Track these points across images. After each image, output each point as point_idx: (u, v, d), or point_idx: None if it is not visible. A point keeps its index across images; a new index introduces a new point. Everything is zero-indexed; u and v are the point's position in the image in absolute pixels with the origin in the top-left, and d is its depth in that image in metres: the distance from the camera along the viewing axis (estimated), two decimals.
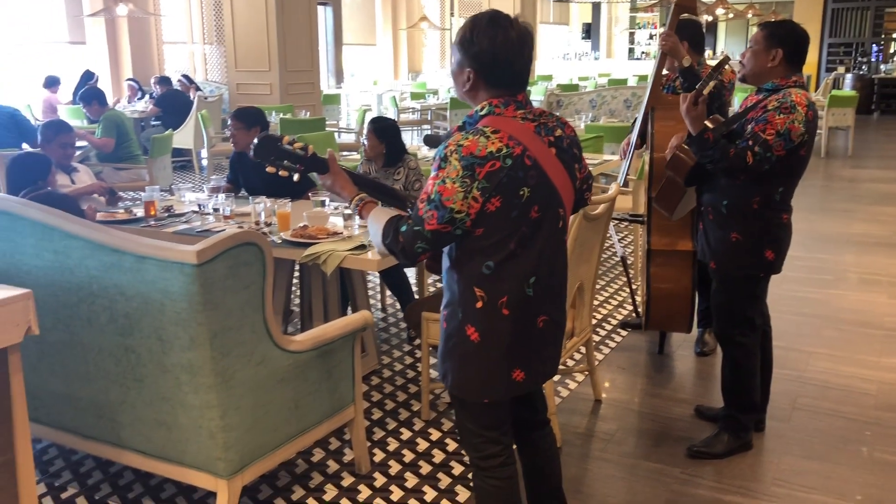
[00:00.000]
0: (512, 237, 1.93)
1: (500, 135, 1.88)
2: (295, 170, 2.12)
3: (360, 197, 2.13)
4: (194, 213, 3.94)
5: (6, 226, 2.46)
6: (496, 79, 1.93)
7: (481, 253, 1.94)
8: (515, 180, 1.89)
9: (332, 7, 15.60)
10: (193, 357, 2.28)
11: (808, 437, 3.29)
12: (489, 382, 2.03)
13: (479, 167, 1.86)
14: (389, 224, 1.99)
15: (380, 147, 4.28)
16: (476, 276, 1.96)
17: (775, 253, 2.97)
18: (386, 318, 4.76)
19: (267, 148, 2.10)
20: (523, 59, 1.93)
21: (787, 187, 2.94)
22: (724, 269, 3.05)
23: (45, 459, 3.09)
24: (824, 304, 4.95)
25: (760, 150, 2.76)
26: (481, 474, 2.16)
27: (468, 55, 1.92)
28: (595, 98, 9.46)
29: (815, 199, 8.48)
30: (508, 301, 1.96)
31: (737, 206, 2.95)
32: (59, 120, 5.08)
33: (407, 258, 1.97)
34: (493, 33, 1.89)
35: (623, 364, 4.07)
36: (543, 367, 2.10)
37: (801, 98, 2.81)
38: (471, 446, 2.16)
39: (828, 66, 19.55)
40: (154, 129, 9.62)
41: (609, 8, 25.02)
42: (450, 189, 1.86)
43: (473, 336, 1.99)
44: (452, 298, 2.02)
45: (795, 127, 2.77)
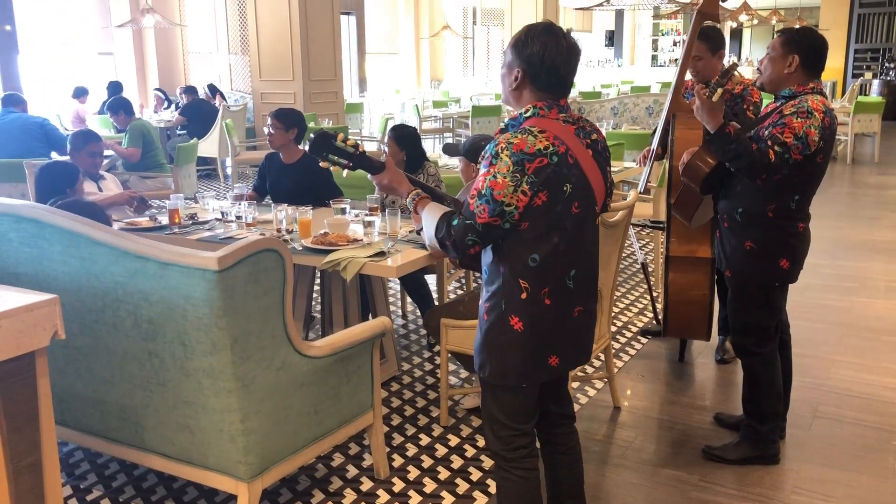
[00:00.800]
0: (556, 231, 2.04)
1: (546, 134, 2.01)
2: (345, 165, 2.28)
3: (416, 192, 2.26)
4: (217, 221, 4.00)
5: (34, 233, 2.52)
6: (542, 81, 2.06)
7: (527, 246, 2.04)
8: (560, 176, 2.01)
9: (355, 16, 15.72)
10: (215, 361, 2.33)
11: (830, 445, 3.27)
12: (527, 368, 2.13)
13: (528, 163, 1.97)
14: (443, 219, 2.09)
15: (400, 154, 4.33)
16: (521, 268, 2.06)
17: (790, 262, 2.94)
18: (406, 324, 4.79)
19: (321, 144, 2.27)
20: (569, 67, 2.07)
21: (803, 195, 2.91)
22: (739, 277, 3.03)
23: (72, 462, 3.15)
24: (848, 312, 4.90)
25: (780, 150, 2.74)
26: (507, 465, 2.23)
27: (520, 56, 2.05)
28: (617, 105, 9.46)
29: (840, 205, 8.40)
30: (550, 291, 2.08)
31: (752, 213, 2.93)
32: (88, 130, 5.19)
33: (458, 251, 2.07)
34: (547, 39, 2.03)
35: (643, 371, 4.06)
36: (576, 354, 2.21)
37: (818, 104, 2.79)
38: (499, 439, 2.23)
39: (854, 71, 19.34)
40: (179, 138, 9.76)
41: (632, 15, 24.97)
42: (501, 184, 1.97)
43: (518, 326, 2.09)
44: (496, 290, 2.11)
45: (812, 132, 2.75)
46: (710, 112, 2.83)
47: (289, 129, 4.40)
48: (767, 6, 18.98)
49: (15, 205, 2.61)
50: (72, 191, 3.80)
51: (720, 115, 2.84)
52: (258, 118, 11.21)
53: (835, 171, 10.74)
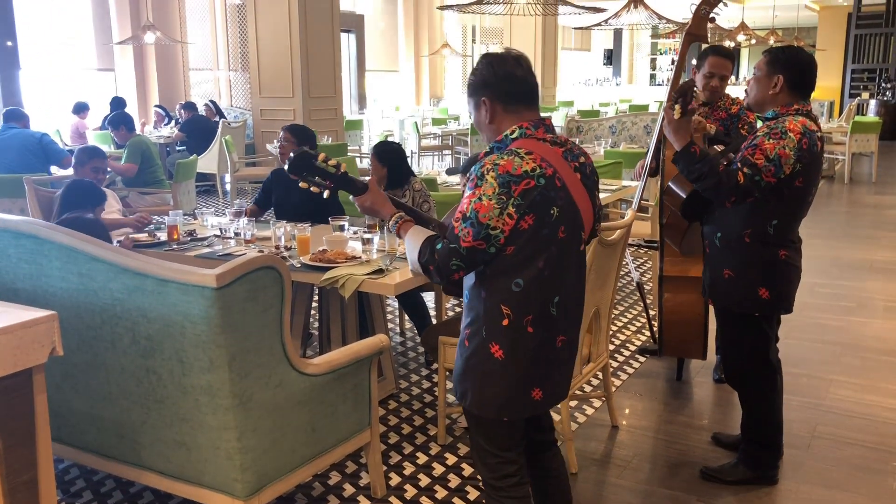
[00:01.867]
0: (541, 256, 1.99)
1: (533, 156, 1.97)
2: (325, 186, 2.19)
3: (399, 215, 2.20)
4: (216, 238, 4.00)
5: (33, 249, 2.52)
6: (506, 93, 2.04)
7: (511, 271, 1.99)
8: (547, 199, 1.96)
9: (355, 34, 15.81)
10: (213, 379, 2.32)
11: (829, 465, 3.26)
12: (509, 401, 2.07)
13: (514, 185, 1.93)
14: (426, 243, 2.05)
15: (382, 170, 4.32)
16: (504, 294, 2.01)
17: (770, 291, 2.83)
18: (404, 342, 4.78)
19: (301, 163, 2.18)
20: (524, 69, 2.05)
21: (782, 220, 2.80)
22: (719, 306, 2.97)
23: (67, 479, 3.14)
24: (846, 332, 4.91)
25: (749, 171, 2.66)
26: (496, 494, 2.19)
27: (476, 88, 2.07)
28: (615, 124, 9.50)
29: (837, 225, 8.42)
30: (534, 319, 2.02)
31: (729, 238, 2.85)
32: (94, 146, 5.20)
33: (441, 276, 2.03)
34: (488, 61, 2.06)
35: (640, 390, 4.06)
36: (559, 387, 2.16)
37: (795, 125, 2.70)
38: (486, 466, 2.19)
39: (851, 91, 19.44)
40: (179, 154, 9.78)
41: (631, 34, 25.14)
42: (486, 206, 1.93)
43: (497, 353, 2.03)
44: (476, 316, 2.06)
45: (785, 153, 2.66)
46: (675, 130, 2.78)
47: (300, 145, 4.42)
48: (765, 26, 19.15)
49: (14, 220, 2.61)
50: (98, 210, 3.81)
51: (687, 134, 2.78)
52: (258, 135, 11.24)
53: (832, 191, 10.78)
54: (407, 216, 2.22)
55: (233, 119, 11.37)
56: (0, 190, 5.92)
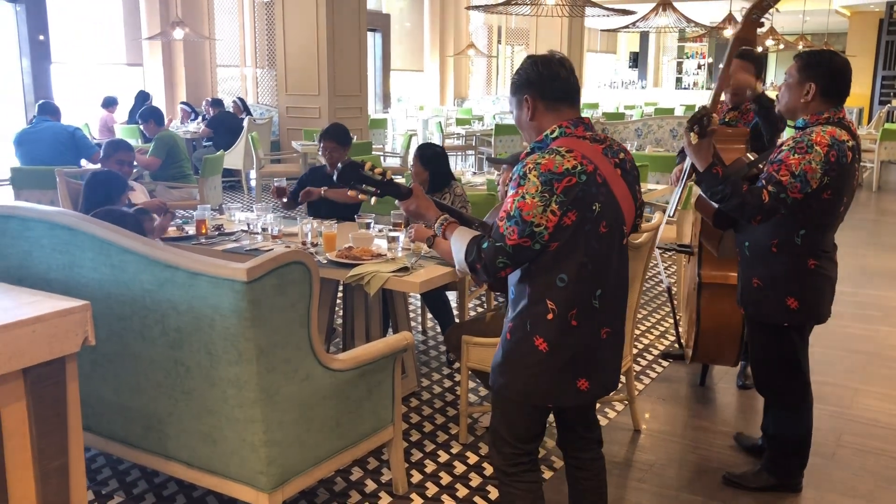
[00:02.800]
0: (584, 251, 2.03)
1: (574, 154, 2.02)
2: (373, 193, 2.31)
3: (444, 217, 2.28)
4: (243, 232, 4.04)
5: (66, 239, 2.56)
6: (550, 92, 2.09)
7: (555, 266, 2.04)
8: (589, 196, 2.01)
9: (381, 33, 15.86)
10: (240, 372, 2.35)
11: (853, 475, 3.23)
12: (555, 388, 2.12)
13: (556, 182, 1.97)
14: (472, 242, 2.10)
15: (423, 173, 4.34)
16: (549, 289, 2.05)
17: (799, 302, 2.77)
18: (426, 340, 4.79)
19: (349, 173, 2.29)
20: (566, 70, 2.10)
21: (811, 230, 2.72)
22: (751, 315, 2.93)
23: (93, 468, 3.18)
24: (872, 341, 4.85)
25: (774, 189, 2.60)
26: (507, 479, 2.26)
27: (520, 86, 2.12)
28: (641, 127, 9.46)
29: (865, 233, 8.32)
30: (578, 313, 2.06)
31: (757, 247, 2.81)
32: (120, 139, 5.27)
33: (488, 274, 2.07)
34: (534, 60, 2.11)
35: (663, 395, 4.04)
36: (606, 377, 2.20)
37: (822, 138, 2.60)
38: (501, 455, 2.26)
39: (881, 98, 19.21)
40: (205, 150, 9.86)
41: (657, 37, 25.00)
42: (529, 204, 1.97)
43: (542, 346, 2.08)
44: (522, 310, 2.11)
45: (811, 168, 2.58)
46: (695, 153, 2.73)
47: (345, 145, 4.55)
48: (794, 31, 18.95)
49: (48, 211, 2.65)
50: (118, 201, 3.85)
51: (708, 155, 2.72)
52: (283, 132, 11.31)
53: (860, 199, 10.65)
54: (451, 218, 2.29)
55: (259, 116, 11.45)
56: (31, 181, 6.00)
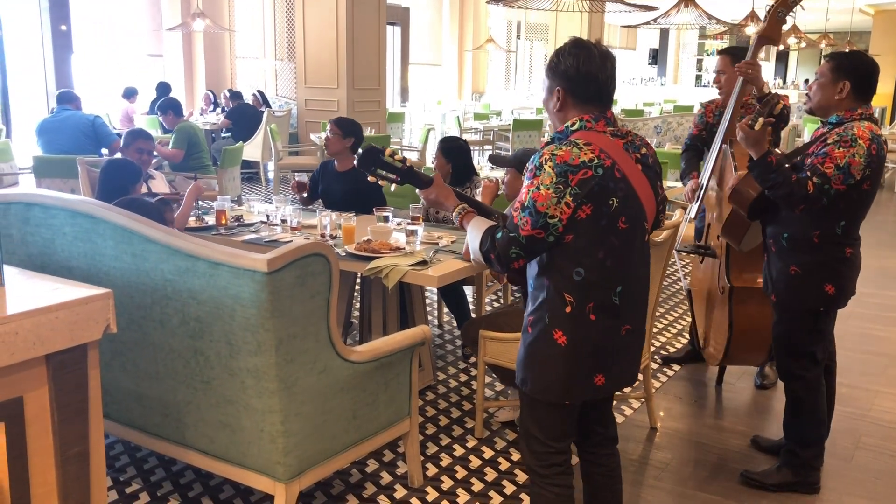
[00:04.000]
0: (601, 246, 2.01)
1: (591, 147, 1.99)
2: (392, 180, 2.32)
3: (462, 206, 2.28)
4: (262, 224, 4.05)
5: (89, 228, 2.58)
6: (583, 92, 2.05)
7: (572, 259, 2.02)
8: (606, 190, 1.98)
9: (400, 27, 15.85)
10: (259, 362, 2.35)
11: (872, 478, 3.20)
12: (572, 384, 2.10)
13: (572, 174, 1.96)
14: (487, 232, 2.10)
15: (446, 167, 4.34)
16: (566, 282, 2.04)
17: (836, 287, 2.89)
18: (442, 334, 4.79)
19: (369, 158, 2.30)
20: (606, 74, 2.05)
21: (850, 221, 2.86)
22: (784, 302, 2.99)
23: (112, 454, 3.21)
24: (892, 343, 4.80)
25: (819, 181, 2.72)
26: (541, 482, 2.23)
27: (556, 75, 2.07)
28: (660, 124, 9.40)
29: (886, 234, 8.24)
30: (595, 307, 2.05)
31: (797, 238, 2.90)
32: (139, 129, 5.29)
33: (502, 265, 2.07)
34: (578, 52, 2.04)
35: (680, 393, 4.02)
36: (623, 373, 2.18)
37: (863, 132, 2.75)
38: (534, 454, 2.23)
39: None
40: (224, 141, 9.90)
41: (677, 34, 24.82)
42: (544, 195, 1.96)
43: (561, 340, 2.07)
44: (541, 304, 2.09)
45: (856, 161, 2.72)
46: (754, 142, 2.82)
47: (346, 137, 4.49)
48: (817, 30, 18.76)
49: (71, 199, 2.67)
50: (133, 189, 3.87)
51: (764, 143, 2.82)
52: (302, 124, 11.34)
53: (881, 200, 10.54)
54: (470, 208, 2.28)
55: (278, 108, 11.48)
56: (53, 170, 6.04)
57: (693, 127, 4.29)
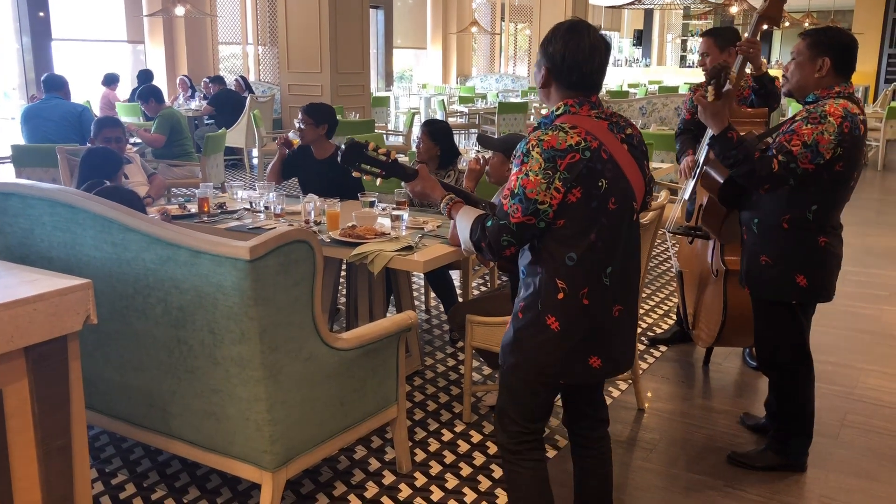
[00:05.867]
0: (592, 228, 2.01)
1: (577, 130, 1.99)
2: (377, 174, 2.30)
3: (449, 197, 2.28)
4: (246, 211, 4.01)
5: (68, 217, 2.54)
6: (565, 79, 2.05)
7: (564, 245, 2.01)
8: (594, 172, 1.98)
9: (383, 10, 15.73)
10: (243, 350, 2.33)
11: (858, 455, 3.22)
12: (568, 366, 2.10)
13: (560, 159, 1.95)
14: (477, 221, 2.09)
15: (434, 149, 4.29)
16: (559, 268, 2.03)
17: (809, 279, 2.77)
18: (429, 319, 4.78)
19: (353, 154, 2.28)
20: (592, 65, 2.03)
21: (823, 206, 2.72)
22: (755, 293, 2.91)
23: (97, 446, 3.18)
24: (877, 321, 4.83)
25: (784, 159, 2.61)
26: (513, 458, 2.24)
27: (545, 54, 2.07)
28: (645, 105, 9.39)
29: (870, 212, 8.28)
30: (589, 292, 2.04)
31: (767, 224, 2.80)
32: (107, 116, 5.20)
33: (493, 253, 2.06)
34: (568, 38, 2.02)
35: (667, 374, 4.03)
36: (619, 355, 2.17)
37: (835, 109, 2.62)
38: (507, 434, 2.24)
39: (887, 76, 19.06)
40: (207, 128, 9.81)
41: (662, 15, 24.78)
42: (533, 181, 1.95)
43: (554, 325, 2.06)
44: (533, 290, 2.08)
45: (824, 139, 2.59)
46: (712, 115, 2.74)
47: (319, 125, 4.39)
48: (800, 8, 18.77)
49: (49, 189, 2.63)
50: (114, 178, 3.82)
51: (724, 118, 2.73)
52: (285, 110, 11.25)
53: (865, 178, 10.59)
54: (457, 198, 2.27)
55: (261, 94, 11.38)
56: (34, 159, 5.96)
57: (685, 111, 4.23)
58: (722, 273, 3.48)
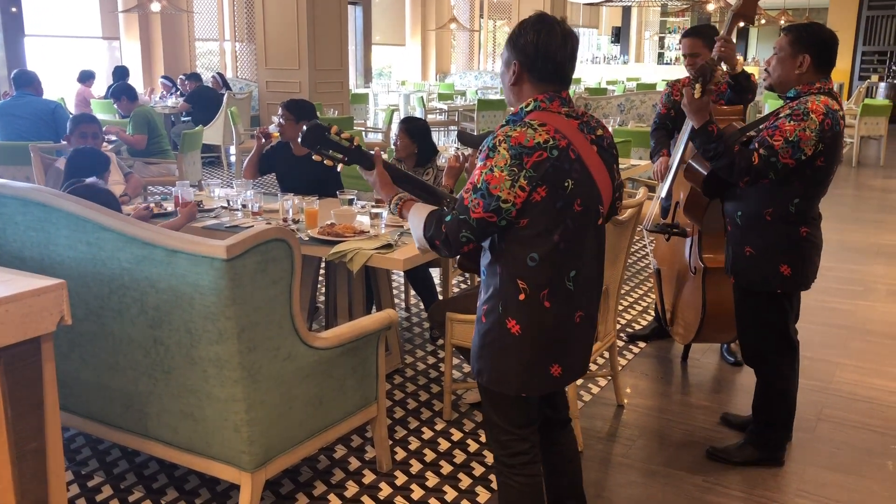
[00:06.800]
0: (556, 229, 1.96)
1: (546, 128, 1.94)
2: (339, 160, 2.20)
3: (398, 197, 2.19)
4: (223, 209, 3.98)
5: (41, 217, 2.50)
6: (539, 71, 1.99)
7: (526, 244, 1.96)
8: (561, 171, 1.93)
9: (362, 7, 15.67)
10: (221, 350, 2.31)
11: (834, 448, 3.26)
12: (528, 376, 2.05)
13: (526, 157, 1.90)
14: (431, 216, 2.03)
15: (412, 147, 4.26)
16: (520, 268, 1.98)
17: (792, 268, 2.84)
18: (409, 317, 4.77)
19: (314, 136, 2.18)
20: (566, 54, 1.99)
21: (804, 199, 2.80)
22: (741, 283, 2.96)
23: (73, 448, 3.14)
24: (852, 315, 4.89)
25: (765, 153, 2.66)
26: (508, 472, 2.18)
27: (516, 49, 2.00)
28: (624, 102, 9.43)
29: (845, 208, 8.37)
30: (550, 293, 1.99)
31: (750, 217, 2.86)
32: (83, 113, 5.12)
33: (450, 249, 2.00)
34: (540, 27, 1.97)
35: (646, 370, 4.05)
36: (578, 363, 2.14)
37: (817, 106, 2.69)
38: (499, 444, 2.18)
39: (861, 74, 19.28)
40: (184, 125, 9.72)
41: (639, 12, 24.90)
42: (497, 177, 1.90)
43: (514, 329, 2.01)
44: (494, 292, 2.03)
45: (806, 135, 2.65)
46: (696, 110, 2.79)
47: (299, 121, 4.35)
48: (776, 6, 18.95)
49: (22, 188, 2.59)
50: (102, 178, 3.77)
51: (706, 112, 2.79)
52: (263, 106, 11.18)
53: (840, 174, 10.71)
54: (409, 196, 2.19)
55: (238, 91, 11.30)
56: (7, 157, 5.88)
57: (661, 106, 4.26)
58: (700, 270, 3.50)
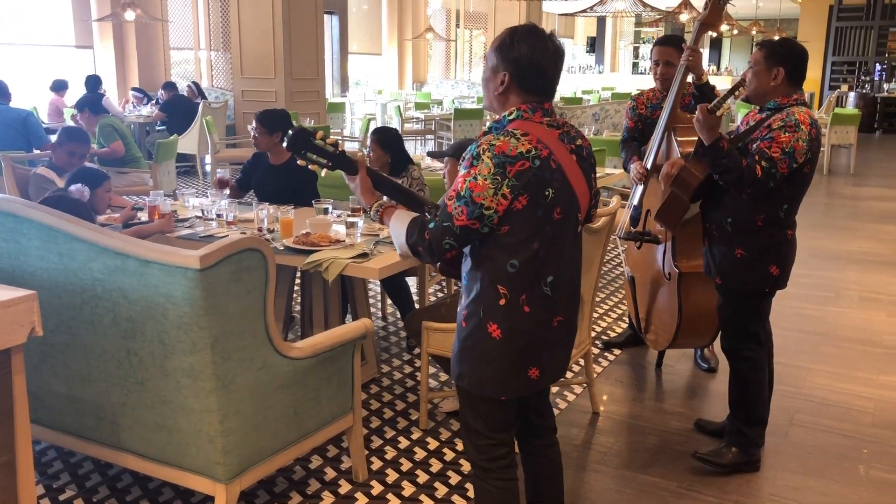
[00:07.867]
0: (536, 237, 1.99)
1: (529, 137, 1.97)
2: (323, 165, 2.20)
3: (378, 204, 2.21)
4: (198, 219, 3.96)
5: (11, 227, 2.48)
6: (529, 83, 2.02)
7: (507, 251, 2.00)
8: (542, 180, 1.97)
9: (338, 16, 15.68)
10: (195, 361, 2.30)
11: (806, 453, 3.30)
12: (507, 379, 2.09)
13: (509, 165, 1.93)
14: (414, 223, 2.05)
15: (385, 157, 4.28)
16: (500, 274, 2.02)
17: (780, 269, 3.00)
18: (386, 326, 4.77)
19: (299, 141, 2.18)
20: (556, 69, 2.03)
21: (791, 204, 2.97)
22: (730, 284, 3.06)
23: (44, 461, 3.10)
24: (824, 322, 4.96)
25: (767, 165, 2.81)
26: (485, 476, 2.20)
27: (506, 59, 2.01)
28: (598, 112, 9.51)
29: (816, 216, 8.50)
30: (528, 299, 2.03)
31: (741, 222, 2.97)
32: (80, 130, 5.05)
33: (433, 255, 2.02)
34: (534, 41, 1.99)
35: (621, 377, 4.08)
36: (556, 366, 2.17)
37: (804, 117, 2.86)
38: (476, 448, 2.20)
39: (831, 84, 19.62)
40: (159, 134, 9.66)
41: (614, 22, 25.14)
42: (481, 185, 1.93)
43: (495, 333, 2.04)
44: (475, 297, 2.06)
45: (799, 146, 2.82)
46: (709, 128, 2.87)
47: (273, 133, 4.35)
48: (748, 17, 19.21)
49: None
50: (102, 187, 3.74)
51: (717, 128, 2.89)
52: (238, 116, 11.14)
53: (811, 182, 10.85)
54: (389, 202, 2.21)
55: (213, 100, 11.25)
56: None
57: (628, 120, 4.28)
58: (675, 276, 3.54)
